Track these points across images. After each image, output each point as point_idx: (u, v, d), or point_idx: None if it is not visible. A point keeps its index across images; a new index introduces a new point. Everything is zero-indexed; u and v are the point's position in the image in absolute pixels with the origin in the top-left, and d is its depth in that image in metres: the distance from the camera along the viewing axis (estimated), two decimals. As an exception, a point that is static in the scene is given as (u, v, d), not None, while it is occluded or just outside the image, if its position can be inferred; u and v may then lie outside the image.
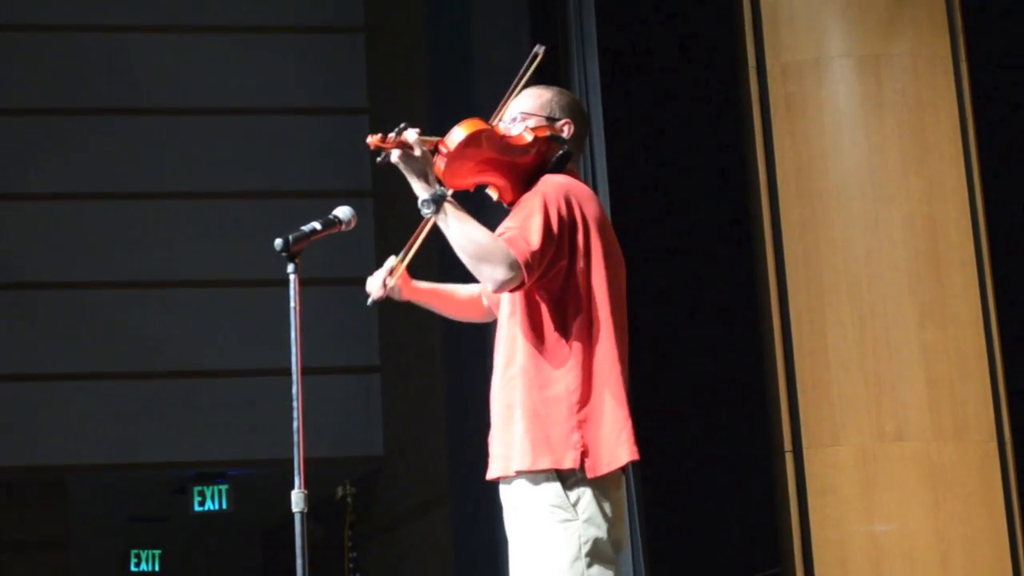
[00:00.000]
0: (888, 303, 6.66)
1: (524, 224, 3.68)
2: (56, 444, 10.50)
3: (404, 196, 3.80)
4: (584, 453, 3.68)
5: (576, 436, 3.68)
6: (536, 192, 3.77)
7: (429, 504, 9.95)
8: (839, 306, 6.67)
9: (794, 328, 6.71)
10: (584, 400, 3.71)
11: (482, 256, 3.64)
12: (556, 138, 3.90)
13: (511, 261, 3.62)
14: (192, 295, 10.78)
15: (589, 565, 3.66)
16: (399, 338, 10.59)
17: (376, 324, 10.90)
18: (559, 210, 3.73)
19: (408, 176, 3.74)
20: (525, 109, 3.95)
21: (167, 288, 10.75)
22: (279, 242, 3.78)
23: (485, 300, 4.10)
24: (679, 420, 7.37)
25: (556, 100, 3.98)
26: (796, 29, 6.89)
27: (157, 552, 13.71)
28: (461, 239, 3.66)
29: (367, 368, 10.94)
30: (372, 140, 3.74)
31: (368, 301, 4.06)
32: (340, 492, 9.41)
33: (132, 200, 10.79)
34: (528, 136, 3.86)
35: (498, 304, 3.95)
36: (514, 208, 3.80)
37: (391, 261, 4.02)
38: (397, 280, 4.00)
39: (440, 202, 3.69)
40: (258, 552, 14.16)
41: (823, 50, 6.86)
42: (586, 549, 3.66)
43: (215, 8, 11.08)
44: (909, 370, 6.61)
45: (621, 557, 5.16)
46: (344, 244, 6.10)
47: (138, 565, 13.66)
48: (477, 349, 4.30)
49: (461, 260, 3.71)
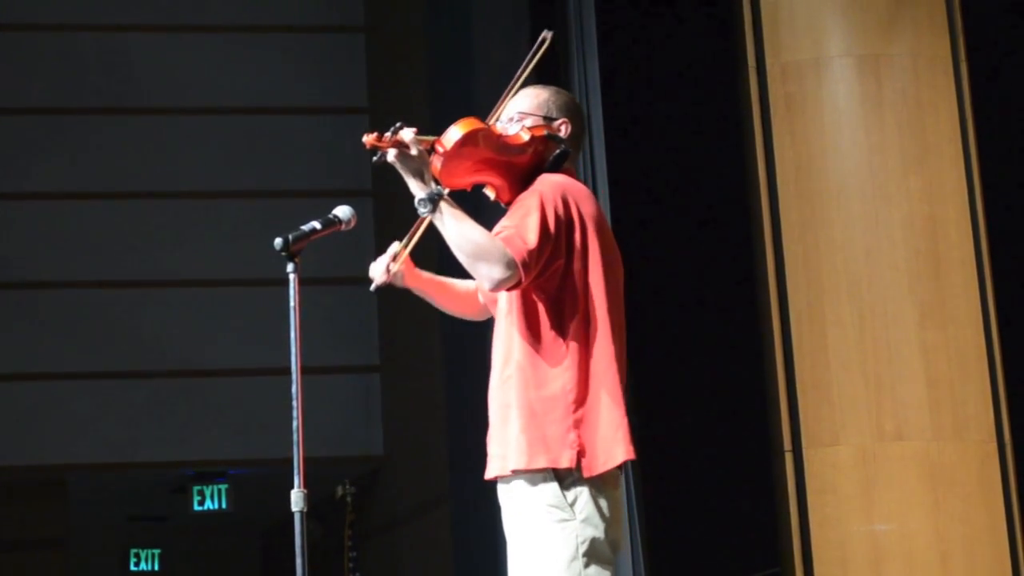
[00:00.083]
0: (888, 303, 6.66)
1: (521, 223, 3.67)
2: (56, 444, 10.49)
3: (404, 196, 3.79)
4: (581, 452, 3.67)
5: (573, 435, 3.68)
6: (533, 191, 3.77)
7: (429, 504, 9.94)
8: (839, 306, 6.66)
9: (794, 328, 6.70)
10: (581, 399, 3.70)
11: (479, 255, 3.63)
12: (553, 137, 3.89)
13: (508, 260, 3.62)
14: (192, 295, 10.78)
15: (586, 565, 3.65)
16: (399, 338, 10.59)
17: (376, 324, 10.90)
18: (556, 209, 3.72)
19: (404, 175, 3.73)
20: (522, 108, 3.94)
21: (167, 288, 10.74)
22: (279, 241, 3.77)
23: (481, 297, 4.09)
24: (679, 420, 7.37)
25: (553, 99, 3.97)
26: (796, 29, 6.89)
27: (157, 551, 13.70)
28: (458, 238, 3.66)
29: (367, 368, 10.93)
30: (368, 139, 3.73)
31: (371, 287, 4.04)
32: (340, 492, 9.40)
33: (132, 200, 10.78)
34: (525, 135, 3.85)
35: (493, 303, 3.95)
36: (511, 207, 3.79)
37: (395, 247, 4.00)
38: (400, 266, 3.99)
39: (436, 201, 3.68)
40: (258, 551, 14.15)
41: (823, 50, 6.86)
42: (583, 549, 3.65)
43: (215, 8, 11.07)
44: (909, 370, 6.61)
45: (620, 557, 5.15)
46: (344, 244, 6.08)
47: (138, 564, 13.65)
48: (477, 349, 4.30)
49: (458, 259, 3.70)
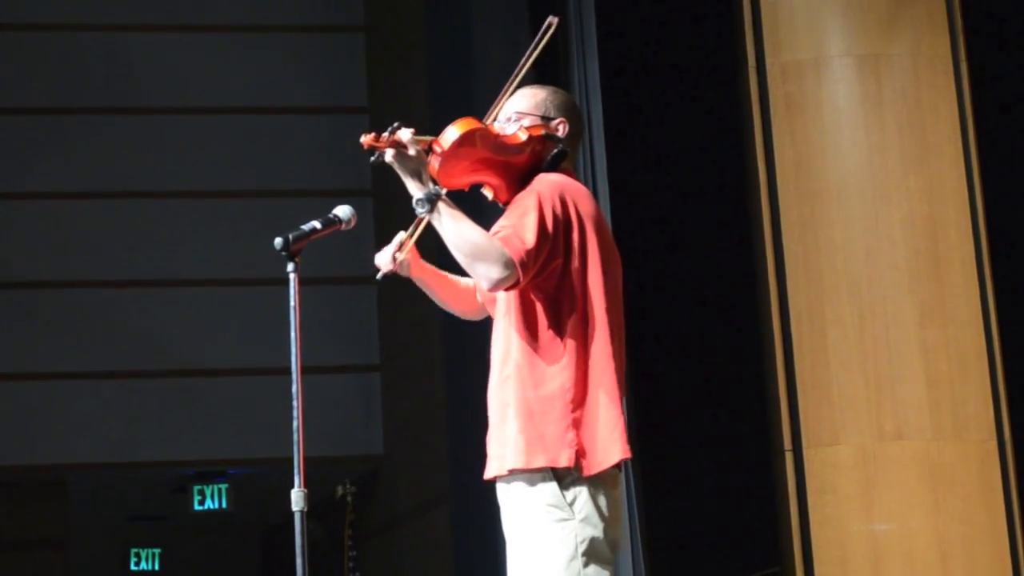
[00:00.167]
0: (888, 303, 6.66)
1: (519, 223, 3.68)
2: (56, 444, 10.49)
3: (404, 195, 3.79)
4: (579, 451, 3.67)
5: (571, 434, 3.67)
6: (531, 191, 3.77)
7: (429, 503, 9.94)
8: (839, 306, 6.67)
9: (794, 328, 6.71)
10: (579, 398, 3.70)
11: (477, 255, 3.63)
12: (551, 137, 3.89)
13: (506, 260, 3.62)
14: (192, 295, 10.77)
15: (586, 564, 3.65)
16: (399, 338, 10.59)
17: (376, 324, 10.90)
18: (554, 209, 3.72)
19: (402, 175, 3.73)
20: (519, 108, 3.94)
21: (167, 288, 10.74)
22: (279, 241, 3.77)
23: (479, 297, 4.09)
24: (679, 420, 7.37)
25: (551, 99, 3.97)
26: (796, 28, 6.89)
27: (157, 551, 13.69)
28: (456, 238, 3.66)
29: (367, 367, 10.93)
30: (366, 139, 3.73)
31: (377, 276, 4.04)
32: (340, 491, 9.41)
33: (132, 200, 10.78)
34: (523, 135, 3.85)
35: (491, 302, 3.95)
36: (509, 207, 3.79)
37: (401, 235, 4.00)
38: (407, 255, 3.99)
39: (434, 201, 3.69)
40: (258, 551, 14.15)
41: (823, 50, 6.86)
42: (583, 548, 3.65)
43: (215, 7, 11.07)
44: (909, 370, 6.61)
45: (620, 557, 5.15)
46: (344, 243, 6.08)
47: (138, 564, 13.65)
48: (477, 349, 4.30)
49: (455, 259, 3.70)
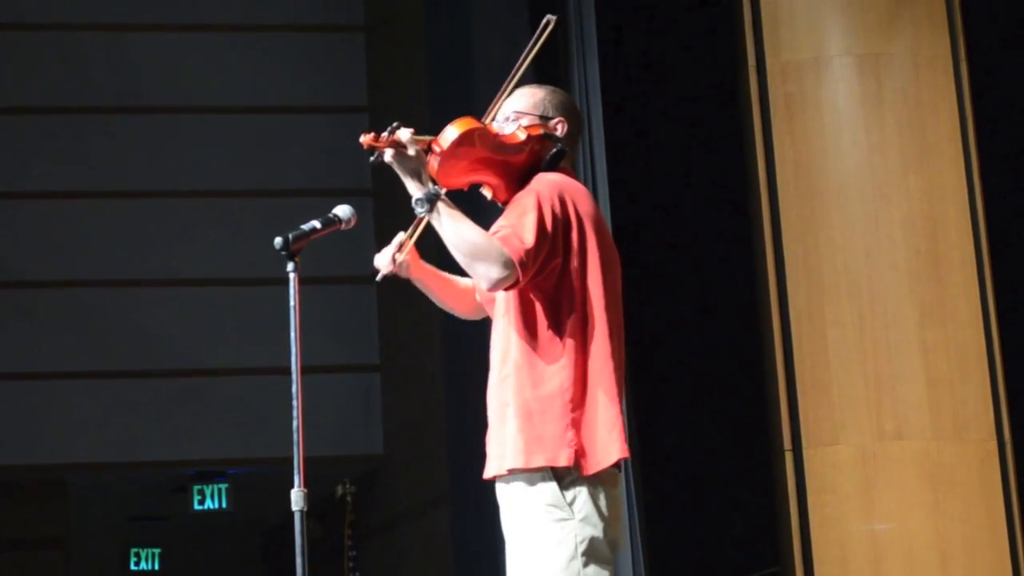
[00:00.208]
0: (888, 302, 6.66)
1: (518, 222, 3.67)
2: (56, 443, 10.49)
3: (404, 195, 3.79)
4: (579, 451, 3.66)
5: (571, 434, 3.67)
6: (530, 190, 3.76)
7: (429, 503, 9.94)
8: (839, 305, 6.67)
9: (794, 328, 6.71)
10: (578, 398, 3.70)
11: (476, 255, 3.63)
12: (549, 136, 3.88)
13: (505, 259, 3.61)
14: (192, 295, 10.77)
15: (585, 564, 3.64)
16: (399, 338, 10.59)
17: (376, 324, 10.89)
18: (553, 208, 3.72)
19: (402, 175, 3.73)
20: (518, 108, 3.94)
21: (168, 286, 10.74)
22: (279, 241, 3.77)
23: (478, 296, 4.08)
24: (679, 420, 7.37)
25: (549, 98, 3.96)
26: (796, 28, 6.89)
27: (157, 551, 13.69)
28: (455, 238, 3.65)
29: (367, 367, 10.93)
30: (365, 139, 3.73)
31: (377, 277, 4.04)
32: (340, 491, 9.40)
33: (132, 200, 10.78)
34: (521, 135, 3.84)
35: (490, 302, 3.95)
36: (508, 207, 3.79)
37: (400, 236, 4.00)
38: (406, 255, 3.99)
39: (434, 201, 3.68)
40: (258, 551, 14.15)
41: (823, 49, 6.86)
42: (582, 548, 3.64)
43: (215, 7, 11.07)
44: (909, 369, 6.61)
45: (621, 557, 5.14)
46: (344, 243, 6.08)
47: (138, 564, 13.64)
48: (477, 349, 4.30)
49: (455, 259, 3.70)
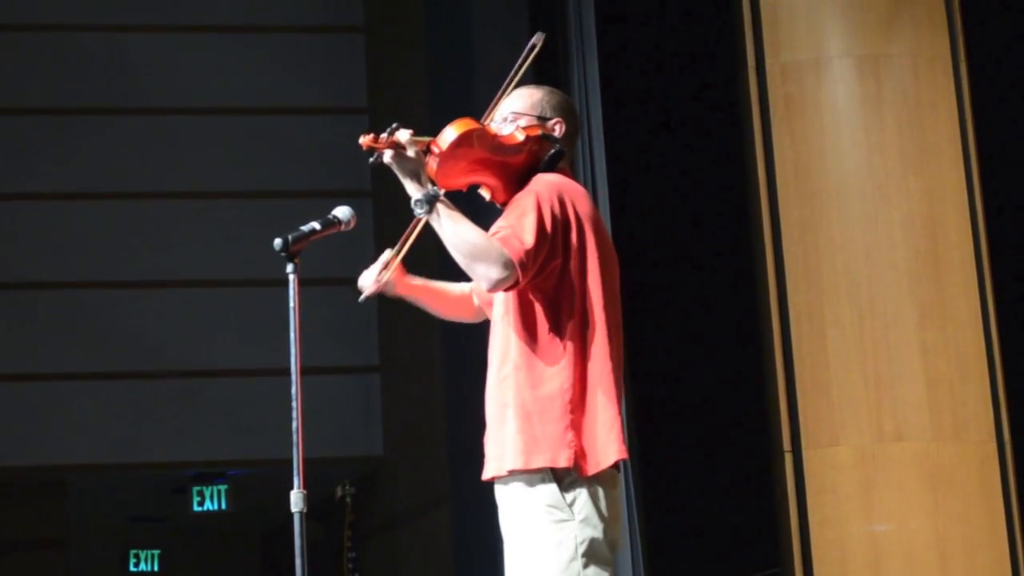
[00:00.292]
0: (887, 303, 6.66)
1: (517, 223, 3.67)
2: (56, 444, 10.49)
3: (403, 196, 3.79)
4: (578, 452, 3.66)
5: (570, 435, 3.66)
6: (529, 191, 3.76)
7: (429, 504, 9.94)
8: (838, 306, 6.67)
9: (793, 328, 6.70)
10: (577, 399, 3.69)
11: (476, 255, 3.63)
12: (548, 137, 3.88)
13: (505, 260, 3.61)
14: (192, 294, 10.78)
15: (585, 566, 3.64)
16: (399, 338, 10.59)
17: (376, 324, 10.89)
18: (552, 209, 3.72)
19: (401, 176, 3.72)
20: (516, 109, 3.94)
21: (167, 287, 10.74)
22: (278, 242, 3.76)
23: (476, 299, 4.08)
24: (679, 420, 7.37)
25: (547, 99, 3.96)
26: (795, 29, 6.89)
27: (156, 552, 13.70)
28: (454, 239, 3.65)
29: (367, 368, 10.93)
30: (364, 141, 3.72)
31: (361, 297, 4.05)
32: (339, 492, 9.41)
33: (132, 200, 10.78)
34: (520, 135, 3.84)
35: (489, 304, 3.95)
36: (507, 208, 3.79)
37: (386, 255, 4.01)
38: (391, 275, 3.99)
39: (433, 202, 3.68)
40: (257, 552, 14.15)
41: (822, 50, 6.86)
42: (582, 549, 3.64)
43: (215, 8, 11.08)
44: (908, 370, 6.61)
45: (620, 557, 5.14)
46: (343, 244, 6.08)
47: (137, 565, 13.65)
48: (477, 349, 4.30)
49: (455, 260, 3.70)
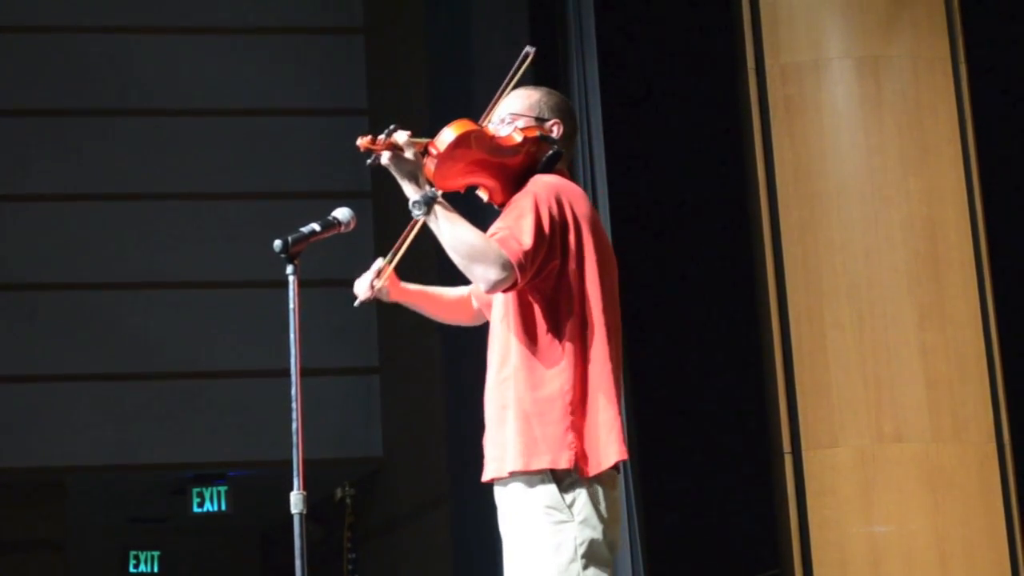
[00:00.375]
0: (887, 304, 6.66)
1: (515, 224, 3.67)
2: (56, 445, 10.50)
3: (403, 198, 3.80)
4: (578, 453, 3.66)
5: (570, 436, 3.66)
6: (527, 192, 3.76)
7: (428, 505, 9.94)
8: (838, 307, 6.66)
9: (793, 329, 6.70)
10: (577, 400, 3.69)
11: (474, 257, 3.63)
12: (545, 138, 3.88)
13: (503, 261, 3.61)
14: (192, 295, 10.78)
15: (585, 567, 3.64)
16: (398, 339, 10.59)
17: (375, 325, 10.90)
18: (550, 210, 3.72)
19: (398, 178, 3.72)
20: (514, 110, 3.94)
21: (167, 288, 10.75)
22: (278, 243, 3.76)
23: (475, 302, 4.09)
24: (679, 421, 7.38)
25: (545, 100, 3.97)
26: (795, 30, 6.89)
27: (156, 553, 13.69)
28: (452, 240, 3.65)
29: (366, 369, 10.94)
30: (362, 142, 3.73)
31: (355, 303, 4.05)
32: (339, 493, 9.42)
33: (132, 200, 10.79)
34: (517, 137, 3.84)
35: (488, 306, 3.95)
36: (505, 209, 3.79)
37: (379, 263, 4.02)
38: (385, 282, 4.00)
39: (431, 203, 3.68)
40: (257, 553, 14.15)
41: (822, 51, 6.86)
42: (582, 551, 3.64)
43: (215, 9, 11.08)
44: (908, 371, 6.61)
45: (620, 558, 5.14)
46: (343, 245, 6.08)
47: (137, 566, 13.64)
48: (476, 350, 4.30)
49: (453, 261, 3.71)
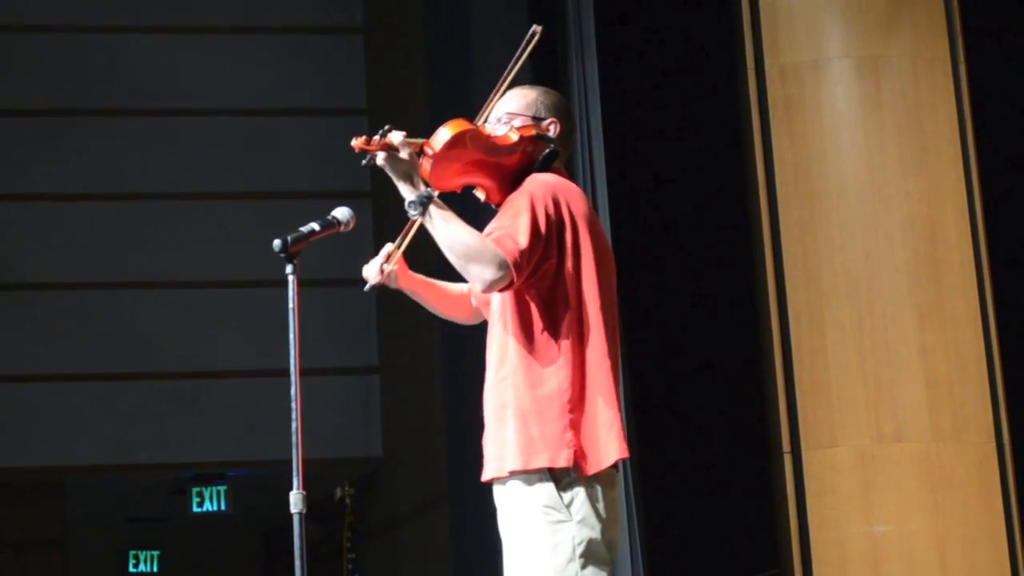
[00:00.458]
0: (887, 304, 6.66)
1: (512, 223, 3.67)
2: (55, 444, 10.50)
3: (402, 197, 3.80)
4: (577, 452, 3.66)
5: (569, 435, 3.66)
6: (523, 191, 3.76)
7: (428, 505, 9.94)
8: (838, 307, 6.67)
9: (793, 329, 6.70)
10: (576, 399, 3.69)
11: (470, 256, 3.63)
12: (542, 137, 3.88)
13: (500, 261, 3.61)
14: (192, 295, 10.79)
15: (584, 566, 3.64)
16: (398, 339, 10.59)
17: (375, 325, 10.90)
18: (547, 209, 3.72)
19: (394, 178, 3.72)
20: (510, 109, 3.94)
21: (167, 288, 10.75)
22: (278, 243, 3.77)
23: (473, 300, 4.09)
24: (678, 421, 7.37)
25: (541, 99, 3.96)
26: (795, 30, 6.89)
27: (156, 553, 13.70)
28: (448, 240, 3.65)
29: (366, 369, 10.94)
30: (357, 143, 3.73)
31: (365, 287, 4.05)
32: (339, 493, 9.41)
33: (132, 201, 10.79)
34: (514, 136, 3.84)
35: (486, 305, 3.95)
36: (501, 208, 3.79)
37: (388, 247, 4.01)
38: (394, 266, 3.99)
39: (426, 204, 3.68)
40: (257, 553, 14.15)
41: (822, 51, 6.86)
42: (580, 550, 3.64)
43: (215, 9, 11.09)
44: (908, 371, 6.61)
45: (620, 558, 5.14)
46: (343, 245, 6.08)
47: (136, 566, 13.65)
48: (476, 350, 4.30)
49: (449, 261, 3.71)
